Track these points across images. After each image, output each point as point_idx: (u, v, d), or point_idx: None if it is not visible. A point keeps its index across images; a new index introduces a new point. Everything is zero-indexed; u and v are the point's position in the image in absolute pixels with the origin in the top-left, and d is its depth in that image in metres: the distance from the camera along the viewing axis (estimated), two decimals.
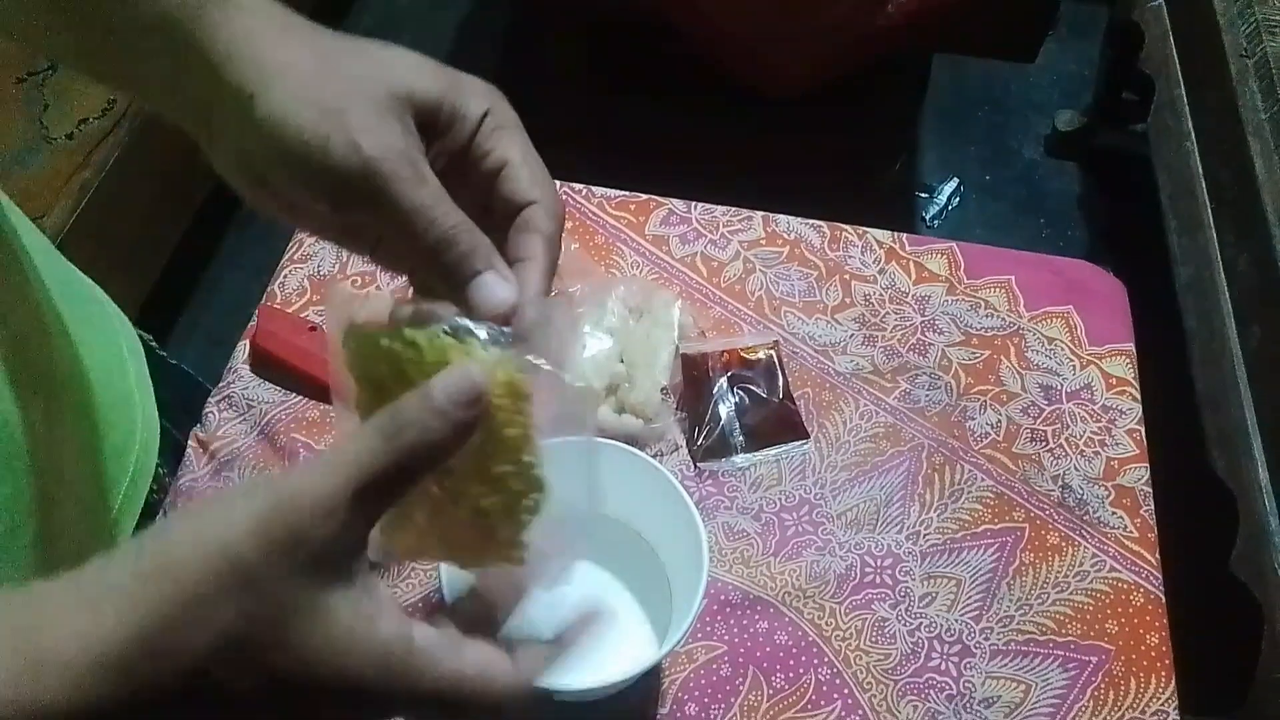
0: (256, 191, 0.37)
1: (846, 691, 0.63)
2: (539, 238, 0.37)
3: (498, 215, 0.38)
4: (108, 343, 0.64)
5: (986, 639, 0.65)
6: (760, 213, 0.84)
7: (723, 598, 0.66)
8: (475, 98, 0.37)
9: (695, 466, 0.71)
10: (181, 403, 0.74)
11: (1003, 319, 0.79)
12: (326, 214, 0.37)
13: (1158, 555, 0.68)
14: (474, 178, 0.38)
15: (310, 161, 0.34)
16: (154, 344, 0.73)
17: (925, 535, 0.69)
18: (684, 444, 0.72)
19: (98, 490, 0.61)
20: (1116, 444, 0.73)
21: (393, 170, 0.34)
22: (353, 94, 0.35)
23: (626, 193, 0.85)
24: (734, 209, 0.84)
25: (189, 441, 0.72)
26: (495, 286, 0.36)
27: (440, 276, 0.36)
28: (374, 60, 0.36)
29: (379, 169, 0.34)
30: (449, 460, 0.32)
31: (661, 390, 0.72)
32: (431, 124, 0.36)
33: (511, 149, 0.37)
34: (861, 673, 0.63)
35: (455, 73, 0.37)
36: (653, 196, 0.85)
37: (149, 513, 0.68)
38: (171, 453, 0.72)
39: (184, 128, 0.38)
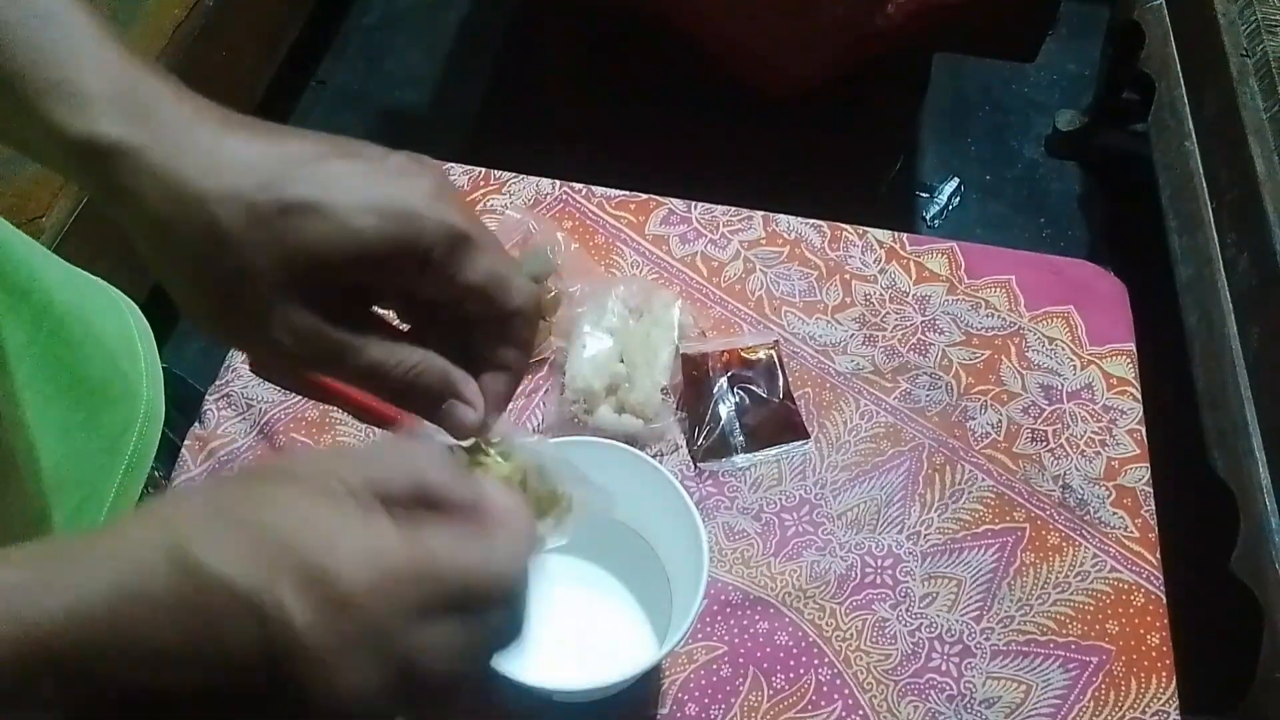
0: (203, 319, 0.36)
1: (847, 692, 0.63)
2: (517, 351, 0.38)
3: (482, 319, 0.37)
4: (116, 332, 0.64)
5: (987, 639, 0.65)
6: (760, 212, 0.84)
7: (723, 598, 0.66)
8: (423, 220, 0.34)
9: (695, 466, 0.71)
10: (172, 401, 0.74)
11: (1003, 319, 0.79)
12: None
13: (1158, 555, 0.68)
14: (444, 290, 0.36)
15: (230, 342, 0.36)
16: None
17: (926, 535, 0.69)
18: (684, 444, 0.72)
19: (88, 484, 0.61)
20: (1117, 444, 0.73)
21: (318, 355, 0.35)
22: (259, 272, 0.33)
23: (626, 193, 0.85)
24: (734, 209, 0.84)
25: (186, 440, 0.72)
26: (462, 411, 0.37)
27: (411, 409, 0.37)
28: (284, 218, 0.33)
29: (316, 355, 0.35)
30: None
31: (661, 390, 0.72)
32: (379, 267, 0.34)
33: (481, 271, 0.36)
34: (862, 673, 0.63)
35: (393, 187, 0.34)
36: (653, 196, 0.85)
37: None
38: (168, 453, 0.72)
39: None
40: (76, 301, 0.60)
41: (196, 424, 0.72)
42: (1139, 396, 0.75)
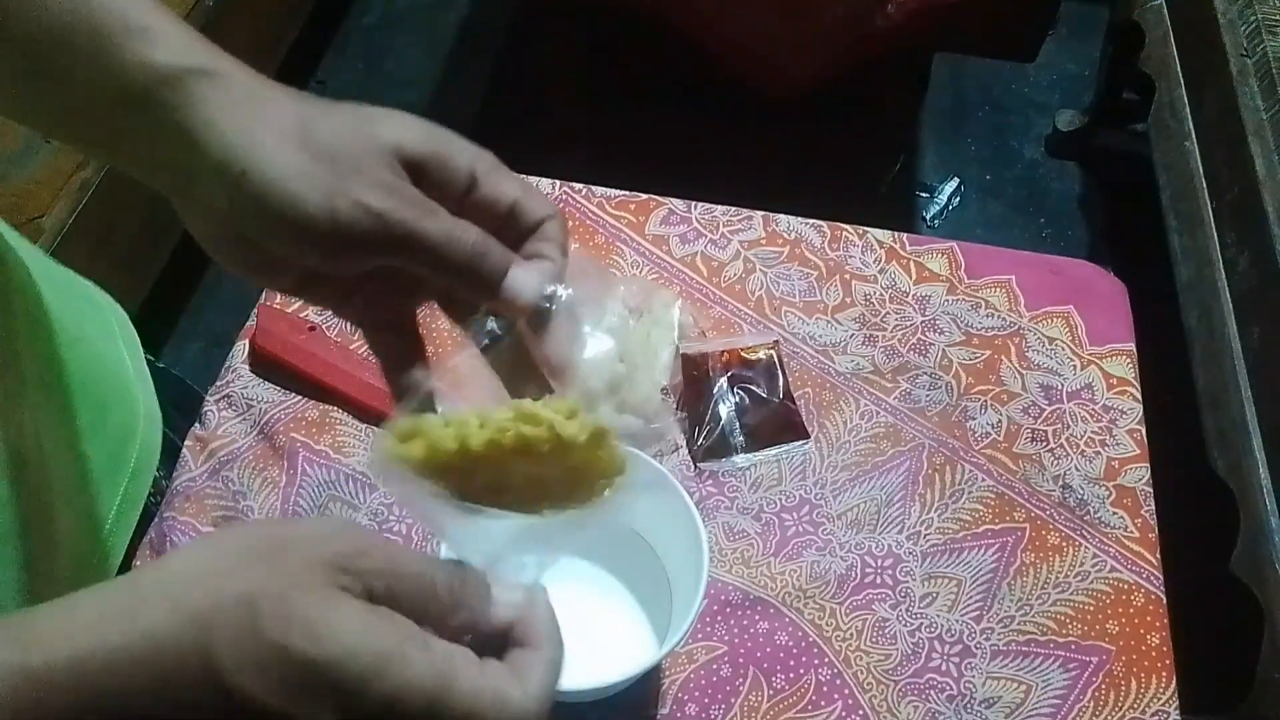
0: (234, 252, 0.38)
1: (847, 692, 0.63)
2: (555, 244, 0.41)
3: (510, 240, 0.40)
4: (106, 338, 0.64)
5: (987, 639, 0.65)
6: (760, 212, 0.84)
7: (723, 598, 0.66)
8: (460, 149, 0.39)
9: (695, 466, 0.71)
10: (171, 402, 0.74)
11: (1003, 319, 0.79)
12: (316, 271, 0.38)
13: (1158, 555, 0.68)
14: (483, 220, 0.39)
15: (317, 230, 0.35)
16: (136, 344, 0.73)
17: (926, 535, 0.69)
18: (684, 444, 0.72)
19: (93, 482, 0.61)
20: (1117, 444, 0.73)
21: (405, 216, 0.36)
22: (344, 157, 0.36)
23: (626, 193, 0.85)
24: (734, 209, 0.84)
25: (187, 440, 0.72)
26: (528, 276, 0.39)
27: (471, 289, 0.39)
28: (358, 120, 0.37)
29: (394, 217, 0.36)
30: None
31: (661, 390, 0.72)
32: (421, 176, 0.38)
33: (513, 187, 0.40)
34: (862, 673, 0.63)
35: (439, 128, 0.39)
36: (653, 196, 0.85)
37: (145, 513, 0.68)
38: (166, 452, 0.72)
39: (156, 189, 0.38)
40: (67, 304, 0.60)
41: (197, 424, 0.72)
42: (1139, 396, 0.75)
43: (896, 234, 0.83)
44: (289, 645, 0.29)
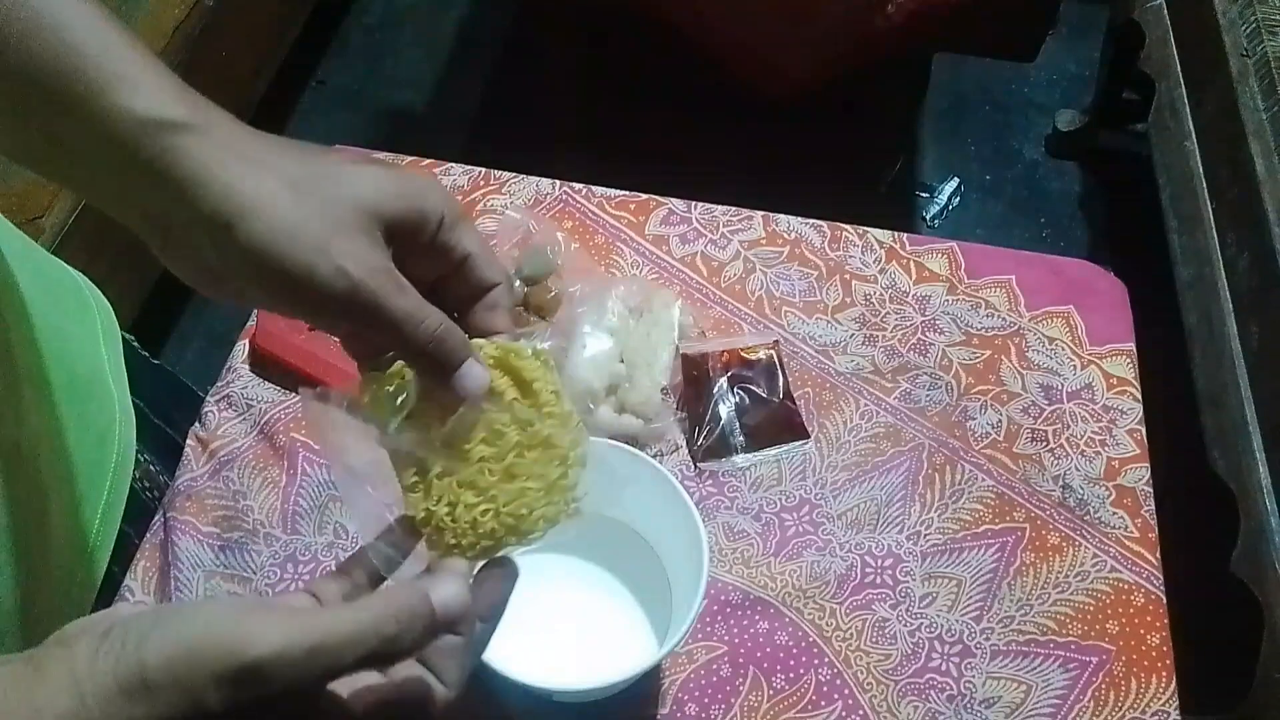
0: (215, 290, 0.39)
1: (847, 692, 0.63)
2: (503, 312, 0.43)
3: (461, 294, 0.43)
4: (85, 331, 0.64)
5: (987, 639, 0.65)
6: (760, 212, 0.84)
7: (723, 598, 0.66)
8: (433, 201, 0.40)
9: (695, 466, 0.71)
10: (171, 400, 0.74)
11: (1003, 319, 0.79)
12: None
13: (1158, 555, 0.68)
14: (437, 266, 0.42)
15: (296, 287, 0.37)
16: (135, 344, 0.73)
17: (926, 535, 0.69)
18: (684, 444, 0.72)
19: (80, 475, 0.61)
20: (1117, 444, 0.73)
21: (378, 288, 0.38)
22: (328, 220, 0.37)
23: (626, 193, 0.85)
24: (734, 209, 0.84)
25: (188, 440, 0.72)
26: (479, 372, 0.41)
27: (425, 367, 0.40)
28: (341, 182, 0.38)
29: (366, 289, 0.37)
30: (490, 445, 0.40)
31: (661, 390, 0.72)
32: (398, 232, 0.39)
33: (472, 242, 0.42)
34: (862, 673, 0.63)
35: (412, 179, 0.41)
36: (653, 196, 0.85)
37: (144, 510, 0.68)
38: (166, 450, 0.72)
39: (131, 229, 0.38)
40: (48, 295, 0.60)
41: (197, 424, 0.72)
42: (1139, 396, 0.75)
43: (896, 234, 0.83)
44: None
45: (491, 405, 0.41)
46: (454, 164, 0.86)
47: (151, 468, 0.71)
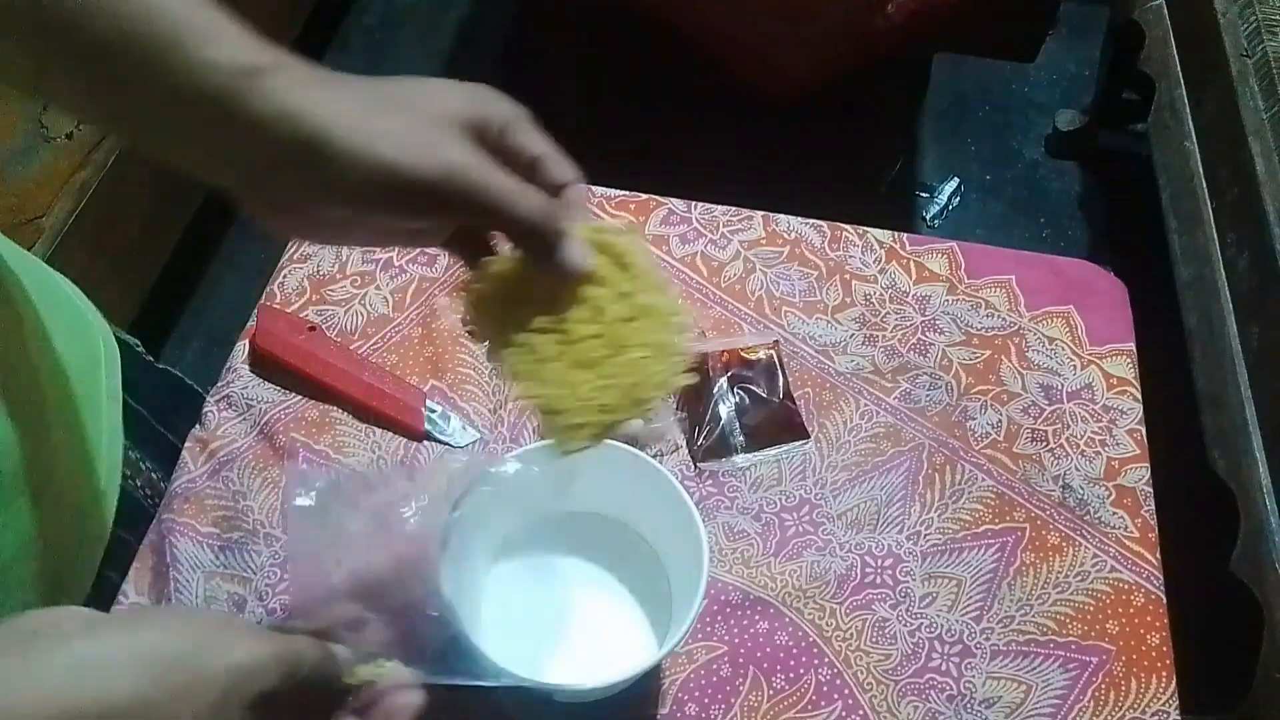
0: (312, 232, 0.43)
1: (847, 692, 0.63)
2: (580, 209, 0.44)
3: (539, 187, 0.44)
4: (86, 351, 0.64)
5: (987, 639, 0.65)
6: (760, 213, 0.84)
7: (723, 598, 0.66)
8: (498, 106, 0.43)
9: (695, 466, 0.71)
10: (173, 404, 0.74)
11: (1003, 319, 0.79)
12: (394, 225, 0.43)
13: (1158, 555, 0.68)
14: (512, 165, 0.43)
15: (400, 183, 0.39)
16: (140, 348, 0.73)
17: (926, 535, 0.69)
18: (684, 444, 0.72)
19: (91, 500, 0.61)
20: (1117, 444, 0.73)
21: (480, 174, 0.40)
22: (415, 123, 0.40)
23: (626, 193, 0.85)
24: (734, 209, 0.84)
25: (186, 442, 0.72)
26: (582, 252, 0.43)
27: (531, 245, 0.43)
28: (417, 92, 0.41)
29: (469, 175, 0.40)
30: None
31: None
32: (473, 135, 0.42)
33: (541, 143, 0.44)
34: (862, 673, 0.63)
35: (476, 87, 0.43)
36: (653, 196, 0.85)
37: (145, 516, 0.68)
38: (165, 454, 0.72)
39: (224, 188, 0.40)
40: (53, 314, 0.60)
41: (197, 425, 0.72)
42: (1139, 396, 0.75)
43: (896, 234, 0.83)
44: None
45: (590, 284, 0.43)
46: None
47: (154, 475, 0.71)
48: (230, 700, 0.35)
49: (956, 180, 1.93)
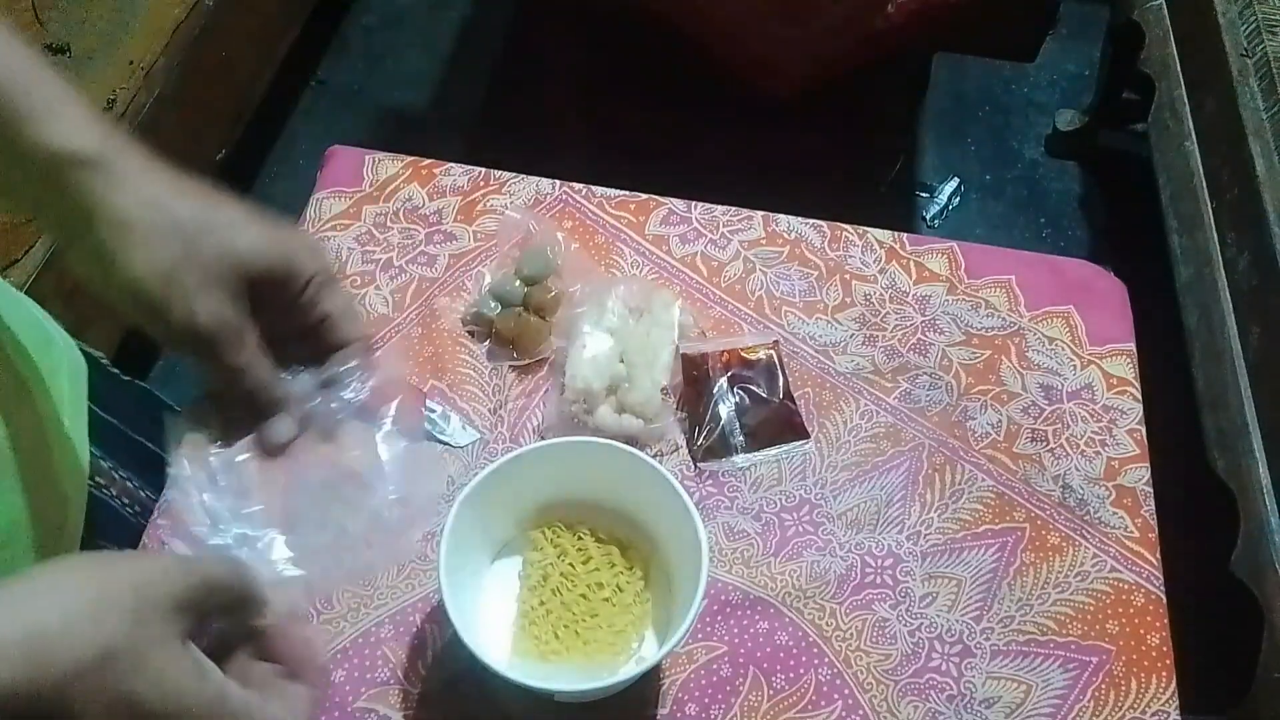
0: (102, 299, 0.45)
1: (847, 692, 0.63)
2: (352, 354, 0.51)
3: (321, 344, 0.50)
4: (54, 366, 0.64)
5: (987, 639, 0.65)
6: (760, 213, 0.84)
7: (723, 598, 0.66)
8: (305, 260, 0.48)
9: (695, 466, 0.71)
10: (149, 416, 0.74)
11: (1003, 319, 0.79)
12: None
13: (1158, 555, 0.68)
14: (302, 318, 0.49)
15: (157, 321, 0.44)
16: (105, 360, 0.72)
17: (926, 535, 0.69)
18: (684, 444, 0.72)
19: (63, 509, 0.61)
20: (1117, 444, 0.73)
21: (221, 337, 0.45)
22: (196, 270, 0.43)
23: (626, 193, 0.85)
24: (734, 209, 0.84)
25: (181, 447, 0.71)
26: (284, 428, 0.50)
27: (245, 410, 0.49)
28: (222, 236, 0.45)
29: (209, 335, 0.45)
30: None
31: (661, 390, 0.72)
32: (266, 284, 0.46)
33: (334, 302, 0.49)
34: (862, 673, 0.63)
35: (289, 236, 0.47)
36: (653, 196, 0.85)
37: (125, 526, 0.68)
38: (148, 467, 0.71)
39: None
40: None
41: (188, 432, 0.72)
42: (1139, 396, 0.75)
43: (896, 234, 0.83)
44: (136, 693, 0.35)
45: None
46: (454, 164, 0.86)
47: (130, 484, 0.70)
48: (144, 607, 0.36)
49: (956, 180, 1.92)
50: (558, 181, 0.85)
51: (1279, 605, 1.01)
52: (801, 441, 0.72)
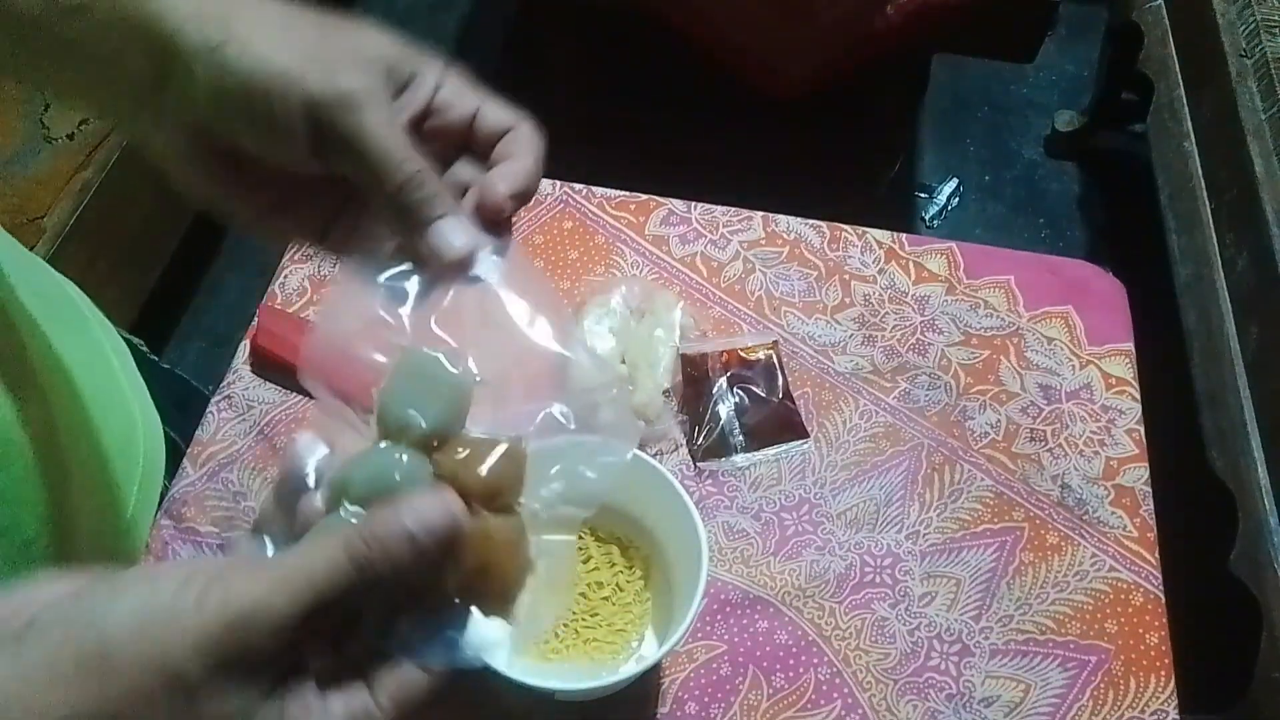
0: (202, 167, 0.37)
1: (846, 691, 0.63)
2: (527, 147, 0.39)
3: (479, 152, 0.40)
4: (88, 343, 0.64)
5: (986, 638, 0.65)
6: (760, 213, 0.84)
7: (723, 597, 0.66)
8: (431, 63, 0.39)
9: (695, 466, 0.71)
10: (176, 402, 0.74)
11: (1002, 319, 0.79)
12: (278, 177, 0.37)
13: (1157, 555, 0.68)
14: (440, 134, 0.39)
15: (287, 96, 0.35)
16: (144, 347, 0.73)
17: (925, 535, 0.69)
18: (684, 444, 0.72)
19: (108, 491, 0.61)
20: (1116, 444, 0.73)
21: (367, 105, 0.35)
22: (325, 43, 0.36)
23: (626, 193, 0.85)
24: (734, 209, 0.84)
25: (190, 447, 0.72)
26: (454, 232, 0.37)
27: (399, 221, 0.37)
28: (336, 24, 0.38)
29: (355, 100, 0.35)
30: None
31: (664, 392, 0.72)
32: (388, 79, 0.38)
33: (477, 98, 0.39)
34: (861, 672, 0.64)
35: (409, 46, 0.39)
36: (653, 196, 0.85)
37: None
38: (169, 453, 0.72)
39: (118, 119, 0.38)
40: (48, 310, 0.60)
41: (199, 429, 0.73)
42: (1138, 396, 0.75)
43: (896, 234, 0.83)
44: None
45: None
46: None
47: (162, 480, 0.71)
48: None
49: (956, 181, 1.93)
50: (558, 182, 0.85)
51: (1277, 604, 1.01)
52: (801, 441, 0.72)
